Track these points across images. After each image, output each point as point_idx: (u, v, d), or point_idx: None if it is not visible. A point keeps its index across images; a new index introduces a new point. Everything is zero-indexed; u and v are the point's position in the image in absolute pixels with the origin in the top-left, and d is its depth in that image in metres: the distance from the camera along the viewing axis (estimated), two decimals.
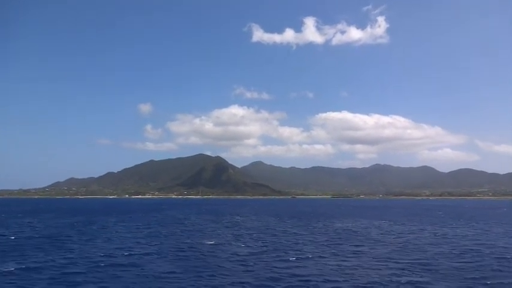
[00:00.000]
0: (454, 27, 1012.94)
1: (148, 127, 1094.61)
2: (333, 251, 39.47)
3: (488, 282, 25.56)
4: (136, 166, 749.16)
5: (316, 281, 25.82)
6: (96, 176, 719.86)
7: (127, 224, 73.83)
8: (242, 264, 31.86)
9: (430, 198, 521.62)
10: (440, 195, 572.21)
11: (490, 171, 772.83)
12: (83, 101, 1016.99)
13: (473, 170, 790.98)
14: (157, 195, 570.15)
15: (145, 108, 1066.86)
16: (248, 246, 42.82)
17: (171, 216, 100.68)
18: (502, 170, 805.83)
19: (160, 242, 45.56)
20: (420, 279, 26.57)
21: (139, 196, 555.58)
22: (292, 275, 27.60)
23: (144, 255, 36.43)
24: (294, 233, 57.66)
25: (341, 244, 44.61)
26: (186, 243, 45.02)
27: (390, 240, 47.91)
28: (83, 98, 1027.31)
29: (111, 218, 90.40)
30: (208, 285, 25.18)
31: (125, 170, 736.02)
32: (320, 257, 35.69)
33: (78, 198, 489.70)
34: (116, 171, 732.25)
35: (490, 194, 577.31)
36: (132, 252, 37.71)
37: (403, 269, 29.70)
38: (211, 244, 44.25)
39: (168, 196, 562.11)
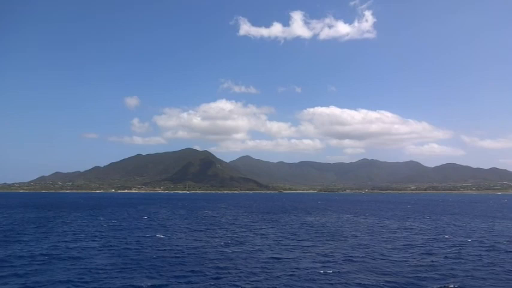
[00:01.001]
0: (441, 22, 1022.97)
1: (136, 121, 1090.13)
2: (274, 243, 39.81)
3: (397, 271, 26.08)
4: (123, 160, 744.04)
5: (229, 271, 26.09)
6: (82, 170, 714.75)
7: (91, 218, 73.40)
8: (176, 257, 31.96)
9: (415, 192, 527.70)
10: (425, 190, 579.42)
11: (474, 166, 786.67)
12: (69, 94, 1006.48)
13: (458, 164, 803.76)
14: (143, 190, 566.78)
15: (132, 101, 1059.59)
16: (196, 239, 42.94)
17: (143, 211, 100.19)
18: (486, 165, 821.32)
19: (113, 236, 45.42)
20: (340, 270, 27.05)
21: (126, 190, 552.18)
22: (216, 267, 27.88)
23: (86, 249, 36.28)
24: (255, 227, 57.90)
25: (288, 238, 44.97)
26: (138, 237, 44.95)
27: (344, 234, 48.43)
28: (69, 91, 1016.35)
29: (80, 213, 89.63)
30: (126, 277, 25.20)
31: (112, 164, 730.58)
32: (257, 250, 35.98)
33: (62, 192, 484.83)
34: (102, 166, 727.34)
35: (474, 188, 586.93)
36: (76, 246, 37.56)
37: (327, 261, 30.15)
38: (160, 238, 44.29)
39: (155, 191, 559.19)
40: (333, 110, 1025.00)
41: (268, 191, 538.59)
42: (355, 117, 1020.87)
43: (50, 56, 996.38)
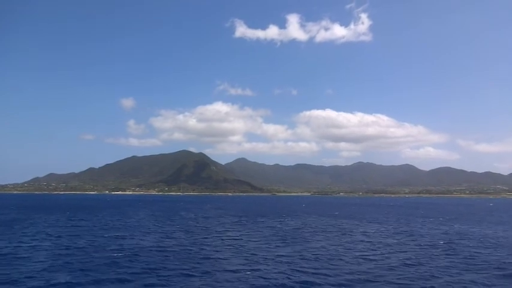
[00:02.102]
0: (437, 25, 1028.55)
1: (131, 122, 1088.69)
2: (221, 244, 40.92)
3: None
4: (119, 162, 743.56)
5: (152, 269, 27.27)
6: (77, 171, 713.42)
7: (64, 220, 74.37)
8: (108, 258, 32.98)
9: (408, 196, 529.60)
10: (418, 193, 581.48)
11: (469, 169, 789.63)
12: (65, 95, 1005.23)
13: (452, 168, 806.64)
14: (137, 192, 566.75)
15: (128, 103, 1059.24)
16: (153, 241, 44.03)
17: (123, 213, 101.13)
18: (480, 169, 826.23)
19: (71, 235, 46.44)
20: (263, 269, 28.25)
21: (120, 192, 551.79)
22: (145, 270, 29.05)
23: (35, 248, 37.41)
24: (216, 229, 59.00)
25: (241, 239, 46.13)
26: (94, 237, 46.03)
27: (299, 236, 49.63)
28: (65, 91, 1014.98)
29: (57, 214, 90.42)
30: (52, 276, 26.32)
31: (107, 165, 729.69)
32: (201, 249, 37.18)
33: (56, 194, 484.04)
34: (97, 167, 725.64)
35: (467, 192, 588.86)
36: (29, 246, 38.62)
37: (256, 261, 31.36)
38: (116, 238, 45.41)
39: (149, 192, 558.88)
40: (329, 113, 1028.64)
41: (262, 194, 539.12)
42: (351, 120, 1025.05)
43: (46, 56, 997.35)
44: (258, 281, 25.42)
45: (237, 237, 47.79)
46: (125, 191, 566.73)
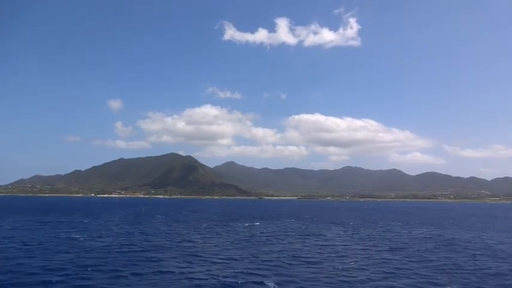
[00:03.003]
0: (425, 31, 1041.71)
1: (119, 124, 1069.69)
2: (169, 245, 41.31)
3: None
4: (105, 164, 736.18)
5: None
6: (62, 173, 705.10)
7: (28, 221, 73.97)
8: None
9: (394, 200, 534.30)
10: (404, 198, 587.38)
11: (454, 175, 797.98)
12: (51, 96, 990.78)
13: (438, 173, 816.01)
14: (123, 195, 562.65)
15: (115, 104, 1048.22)
16: (105, 242, 44.18)
17: (96, 216, 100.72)
18: (465, 174, 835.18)
19: (19, 236, 46.38)
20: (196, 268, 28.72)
21: (106, 195, 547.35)
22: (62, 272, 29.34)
23: None
24: (184, 233, 59.26)
25: (196, 247, 46.51)
26: (51, 237, 46.04)
27: (261, 240, 50.16)
28: (52, 93, 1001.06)
29: (25, 217, 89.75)
30: None
31: (93, 168, 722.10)
32: (140, 252, 37.51)
33: (41, 196, 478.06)
34: (83, 169, 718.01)
35: (452, 197, 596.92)
36: None
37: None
38: (72, 239, 45.52)
39: (135, 195, 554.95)
40: (318, 117, 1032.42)
41: (249, 197, 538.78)
42: (340, 125, 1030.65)
43: (32, 58, 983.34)
44: (182, 282, 25.85)
45: (194, 240, 48.10)
46: (111, 194, 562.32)
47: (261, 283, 25.87)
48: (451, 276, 28.46)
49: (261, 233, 58.92)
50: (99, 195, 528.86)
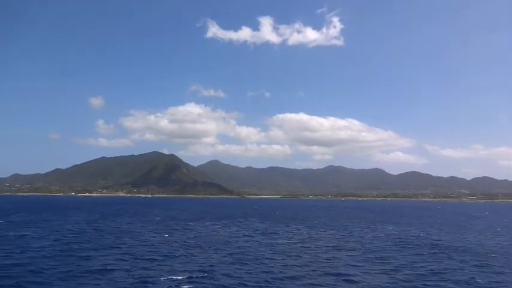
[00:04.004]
0: (407, 32, 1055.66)
1: (101, 122, 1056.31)
2: (113, 245, 41.38)
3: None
4: (87, 163, 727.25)
5: None
6: (42, 172, 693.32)
7: None
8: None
9: (374, 199, 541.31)
10: (385, 197, 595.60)
11: (435, 174, 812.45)
12: (31, 93, 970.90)
13: (419, 173, 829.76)
14: (105, 193, 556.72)
15: (96, 102, 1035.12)
16: (50, 239, 43.99)
17: (63, 215, 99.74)
18: (445, 173, 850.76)
19: None
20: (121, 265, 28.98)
21: (87, 194, 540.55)
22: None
23: None
24: (136, 231, 59.23)
25: (133, 243, 46.66)
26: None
27: (211, 240, 50.54)
28: (31, 89, 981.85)
29: None
30: None
31: (75, 166, 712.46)
32: (77, 250, 37.56)
33: (20, 195, 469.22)
34: (64, 168, 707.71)
35: (432, 196, 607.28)
36: None
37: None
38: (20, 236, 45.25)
39: (117, 194, 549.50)
40: (302, 117, 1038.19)
41: (232, 196, 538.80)
42: (324, 124, 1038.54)
43: (13, 56, 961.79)
44: (99, 279, 26.06)
45: (142, 239, 48.12)
46: (92, 193, 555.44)
47: (170, 279, 26.24)
48: (372, 278, 29.27)
49: (214, 231, 59.30)
50: (79, 194, 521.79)
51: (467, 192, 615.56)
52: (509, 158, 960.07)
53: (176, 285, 25.18)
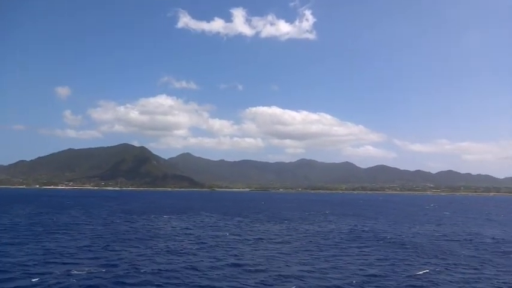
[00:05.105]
0: (378, 26, 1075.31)
1: (68, 113, 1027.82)
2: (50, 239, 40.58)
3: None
4: (53, 155, 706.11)
5: None
6: (5, 164, 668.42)
7: None
8: None
9: (343, 192, 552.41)
10: (354, 190, 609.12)
11: (402, 168, 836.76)
12: None
13: (387, 166, 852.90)
14: (71, 186, 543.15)
15: (63, 91, 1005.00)
16: None
17: (5, 209, 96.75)
18: (412, 167, 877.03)
19: None
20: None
21: (52, 187, 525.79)
22: None
23: None
24: (71, 223, 58.24)
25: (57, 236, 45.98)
26: None
27: (149, 234, 50.29)
28: None
29: None
30: None
31: (40, 158, 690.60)
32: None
33: None
34: (28, 160, 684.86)
35: (398, 189, 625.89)
36: None
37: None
38: None
39: (84, 187, 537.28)
40: (275, 110, 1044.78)
41: (202, 189, 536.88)
42: (296, 118, 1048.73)
43: None
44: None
45: (71, 233, 47.39)
46: (57, 186, 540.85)
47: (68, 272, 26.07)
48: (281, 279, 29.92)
49: (154, 225, 59.06)
50: (44, 187, 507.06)
51: (431, 185, 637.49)
52: (473, 152, 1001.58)
53: (72, 279, 24.98)
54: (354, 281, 25.08)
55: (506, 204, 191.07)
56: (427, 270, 28.23)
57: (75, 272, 26.94)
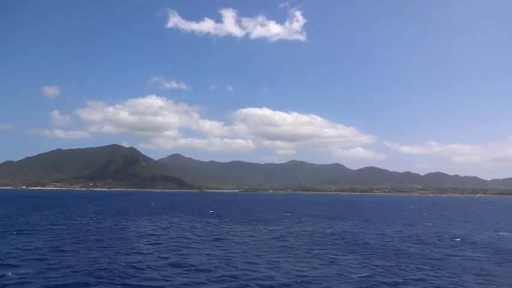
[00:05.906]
0: (368, 29, 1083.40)
1: (56, 113, 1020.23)
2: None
3: None
4: (41, 155, 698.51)
5: None
6: None
7: None
8: None
9: (331, 193, 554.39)
10: (343, 191, 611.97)
11: (391, 169, 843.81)
12: None
13: (377, 168, 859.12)
14: (59, 187, 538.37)
15: (51, 91, 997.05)
16: None
17: None
18: (401, 169, 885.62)
19: None
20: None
21: (39, 187, 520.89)
22: None
23: None
24: (43, 223, 57.49)
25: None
26: None
27: (119, 236, 49.77)
28: None
29: None
30: None
31: (27, 159, 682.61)
32: None
33: None
34: (16, 160, 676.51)
35: (387, 190, 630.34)
36: None
37: None
38: None
39: (72, 188, 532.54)
40: (266, 112, 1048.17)
41: (192, 191, 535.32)
42: (287, 120, 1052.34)
43: None
44: None
45: (35, 234, 46.71)
46: (45, 186, 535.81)
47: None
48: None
49: (116, 226, 58.39)
50: (31, 188, 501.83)
51: (420, 187, 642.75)
52: (461, 154, 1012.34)
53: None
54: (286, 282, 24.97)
55: (493, 205, 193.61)
56: (367, 274, 28.15)
57: (9, 274, 26.48)
